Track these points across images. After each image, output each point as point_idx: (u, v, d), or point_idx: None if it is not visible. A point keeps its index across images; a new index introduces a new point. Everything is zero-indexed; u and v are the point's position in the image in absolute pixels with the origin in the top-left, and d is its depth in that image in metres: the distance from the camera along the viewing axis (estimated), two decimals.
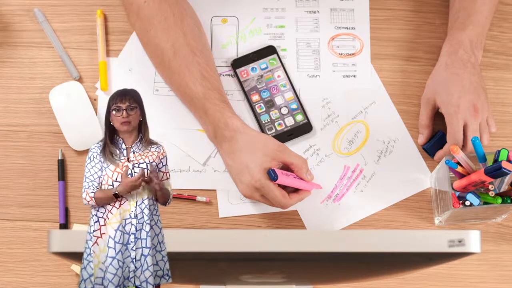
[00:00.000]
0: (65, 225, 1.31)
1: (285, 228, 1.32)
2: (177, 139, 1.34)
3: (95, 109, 1.35)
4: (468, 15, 1.33)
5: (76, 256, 0.94)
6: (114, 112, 0.99)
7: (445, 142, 1.31)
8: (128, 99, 0.99)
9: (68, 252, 0.90)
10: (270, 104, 1.36)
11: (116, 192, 0.96)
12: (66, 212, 1.32)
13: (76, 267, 1.29)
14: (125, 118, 0.99)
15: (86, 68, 1.38)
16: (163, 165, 1.01)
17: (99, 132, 1.34)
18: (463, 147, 1.29)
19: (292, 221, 1.32)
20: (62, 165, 1.33)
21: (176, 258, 0.95)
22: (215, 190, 1.33)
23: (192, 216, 1.32)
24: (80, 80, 1.38)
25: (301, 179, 1.26)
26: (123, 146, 0.99)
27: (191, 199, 1.32)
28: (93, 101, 1.36)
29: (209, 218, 1.32)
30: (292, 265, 1.02)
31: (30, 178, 1.33)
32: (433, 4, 1.42)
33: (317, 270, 1.07)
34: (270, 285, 1.19)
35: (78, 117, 1.34)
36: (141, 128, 1.01)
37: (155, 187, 0.97)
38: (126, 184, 0.96)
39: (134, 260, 0.94)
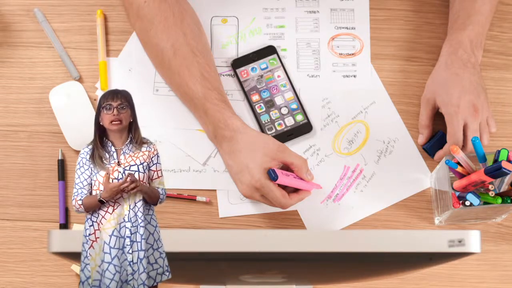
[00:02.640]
0: (65, 225, 1.31)
1: (285, 228, 1.32)
2: (177, 139, 1.34)
3: (95, 109, 1.35)
4: (468, 15, 1.33)
5: (76, 256, 0.94)
6: (104, 110, 0.98)
7: (445, 142, 1.31)
8: (119, 97, 0.98)
9: (68, 252, 0.90)
10: (270, 104, 1.36)
11: (101, 199, 0.95)
12: (66, 212, 1.32)
13: (76, 267, 1.29)
14: (116, 116, 0.98)
15: (86, 68, 1.38)
16: (154, 164, 1.00)
17: None
18: (463, 147, 1.29)
19: (292, 221, 1.32)
20: (62, 165, 1.33)
21: (176, 258, 0.95)
22: (215, 190, 1.33)
23: (192, 216, 1.32)
24: (80, 80, 1.38)
25: (301, 179, 1.26)
26: (112, 148, 0.98)
27: (191, 199, 1.32)
28: (93, 101, 1.36)
29: (209, 218, 1.32)
30: (292, 265, 1.02)
31: (30, 178, 1.33)
32: (433, 4, 1.42)
33: (317, 270, 1.07)
34: (270, 285, 1.19)
35: (78, 117, 1.34)
36: (131, 129, 1.00)
37: (142, 190, 0.96)
38: (108, 189, 0.95)
39: (131, 263, 0.94)
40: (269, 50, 1.39)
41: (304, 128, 1.35)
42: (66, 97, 1.35)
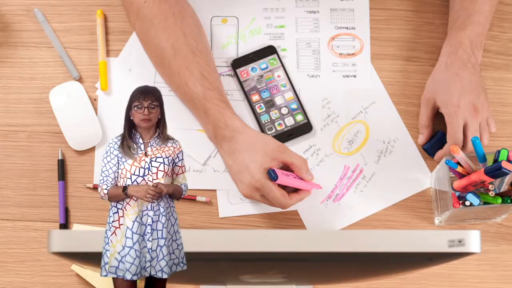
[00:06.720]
0: (65, 225, 1.31)
1: (285, 228, 1.32)
2: (177, 139, 1.34)
3: (95, 109, 1.35)
4: (468, 15, 1.33)
5: (76, 256, 0.95)
6: (135, 108, 1.00)
7: (445, 142, 1.31)
8: (150, 97, 1.01)
9: (68, 252, 0.90)
10: (270, 104, 1.36)
11: (126, 192, 0.97)
12: (66, 212, 1.32)
13: (76, 267, 1.29)
14: (146, 116, 1.00)
15: (86, 68, 1.38)
16: (179, 160, 1.04)
17: (99, 132, 1.34)
18: (463, 147, 1.29)
19: (292, 221, 1.32)
20: (62, 165, 1.33)
21: None
22: (215, 190, 1.33)
23: (192, 216, 1.32)
24: (80, 80, 1.38)
25: (301, 179, 1.26)
26: (140, 140, 1.01)
27: (191, 199, 1.32)
28: (93, 101, 1.36)
29: (209, 218, 1.32)
30: (292, 265, 1.02)
31: (30, 178, 1.33)
32: (433, 4, 1.42)
33: (317, 270, 1.08)
34: (270, 285, 1.19)
35: (78, 117, 1.34)
36: (160, 124, 1.03)
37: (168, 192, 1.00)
38: (140, 192, 0.98)
39: (150, 250, 0.96)
40: (269, 50, 1.39)
41: (304, 128, 1.35)
42: (66, 97, 1.35)
